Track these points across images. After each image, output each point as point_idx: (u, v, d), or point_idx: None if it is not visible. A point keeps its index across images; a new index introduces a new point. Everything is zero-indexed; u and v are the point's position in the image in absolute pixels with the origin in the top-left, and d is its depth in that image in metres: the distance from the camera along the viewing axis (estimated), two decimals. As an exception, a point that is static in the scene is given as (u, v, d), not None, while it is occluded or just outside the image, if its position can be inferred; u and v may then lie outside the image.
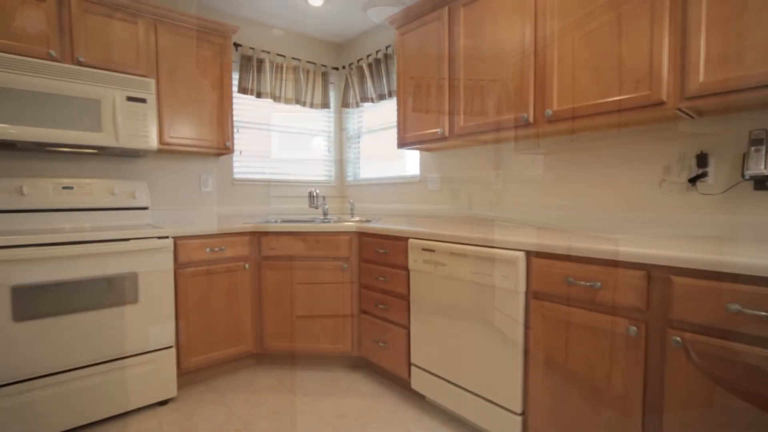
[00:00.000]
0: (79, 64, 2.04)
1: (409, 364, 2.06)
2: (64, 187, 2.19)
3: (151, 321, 1.98)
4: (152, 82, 2.20)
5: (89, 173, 2.36)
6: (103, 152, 2.26)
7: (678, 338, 1.14)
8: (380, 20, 2.86)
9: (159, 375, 2.01)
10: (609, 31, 1.52)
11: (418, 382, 1.99)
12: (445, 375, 1.85)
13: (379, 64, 2.97)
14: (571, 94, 1.64)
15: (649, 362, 1.23)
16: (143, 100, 2.17)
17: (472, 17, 2.01)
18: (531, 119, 1.79)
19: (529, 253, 1.52)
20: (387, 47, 2.90)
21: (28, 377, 1.69)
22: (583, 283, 1.34)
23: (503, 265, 1.57)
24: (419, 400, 2.08)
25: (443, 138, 2.20)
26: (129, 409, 1.93)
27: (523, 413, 1.56)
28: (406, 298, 2.07)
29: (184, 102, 2.40)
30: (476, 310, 1.70)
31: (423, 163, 2.82)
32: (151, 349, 1.99)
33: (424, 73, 2.29)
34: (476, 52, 2.00)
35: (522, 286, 1.53)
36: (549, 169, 2.08)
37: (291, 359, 2.51)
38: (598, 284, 1.30)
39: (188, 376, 2.25)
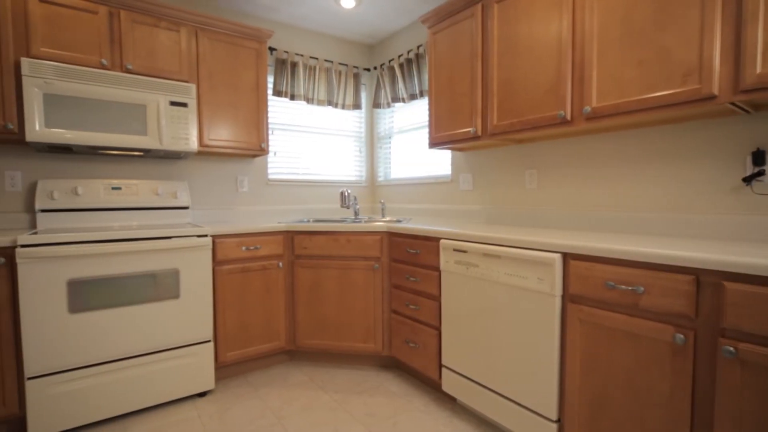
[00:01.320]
0: (127, 71, 2.16)
1: (440, 365, 2.04)
2: (113, 188, 2.33)
3: (191, 316, 2.07)
4: (193, 87, 2.30)
5: (135, 174, 2.49)
6: (148, 154, 2.38)
7: (731, 348, 1.07)
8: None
9: (198, 368, 2.10)
10: (654, 21, 1.44)
11: (449, 384, 1.97)
12: (477, 378, 1.82)
13: (410, 63, 2.97)
14: (612, 89, 1.57)
15: (697, 373, 1.15)
16: (185, 105, 2.27)
17: (506, 13, 1.97)
18: (568, 116, 1.73)
19: (566, 255, 1.47)
20: (419, 47, 2.89)
21: (81, 365, 1.80)
22: (624, 287, 1.28)
23: (538, 267, 1.53)
24: (450, 402, 2.06)
25: (476, 137, 2.17)
26: (170, 399, 2.03)
27: (558, 420, 1.51)
28: (437, 299, 2.05)
29: (222, 105, 2.49)
30: (509, 313, 1.66)
31: (454, 163, 2.79)
32: (191, 342, 2.08)
33: (456, 71, 2.26)
34: (510, 48, 1.95)
35: (558, 290, 1.48)
36: (586, 168, 2.00)
37: (322, 356, 2.55)
38: (641, 289, 1.24)
39: (225, 369, 2.34)
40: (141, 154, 2.35)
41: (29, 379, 1.71)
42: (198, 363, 2.10)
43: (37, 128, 1.89)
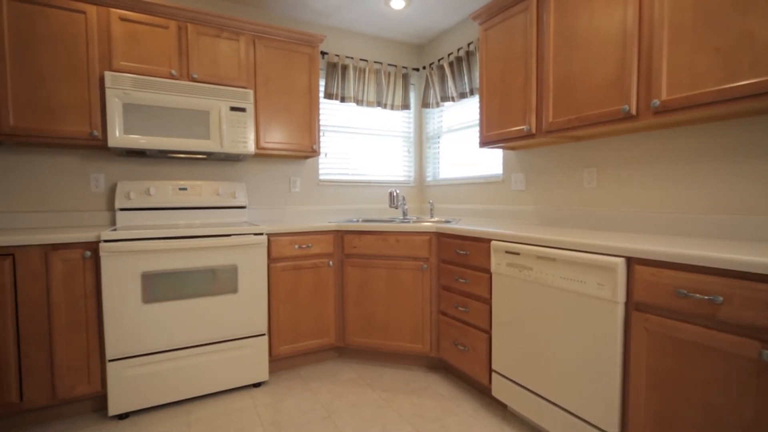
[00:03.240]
0: (193, 80, 2.32)
1: (490, 370, 1.99)
2: (180, 189, 2.51)
3: (247, 310, 2.19)
4: (251, 92, 2.42)
5: (199, 176, 2.68)
6: (210, 157, 2.55)
7: (831, 369, 0.94)
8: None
9: (254, 360, 2.21)
10: (734, 3, 1.31)
11: (500, 389, 1.91)
12: (529, 385, 1.75)
13: (460, 62, 2.92)
14: (684, 80, 1.45)
15: (788, 394, 1.03)
16: (243, 110, 2.40)
17: (563, 5, 1.87)
18: (633, 111, 1.61)
19: (630, 260, 1.38)
20: (469, 44, 2.83)
21: (152, 351, 1.97)
22: (698, 296, 1.18)
23: (599, 271, 1.44)
24: (500, 408, 2.00)
25: (530, 135, 2.09)
26: (228, 388, 2.15)
27: (620, 436, 1.42)
28: (487, 301, 2.00)
29: (277, 109, 2.60)
30: (566, 319, 1.58)
31: (506, 162, 2.71)
32: (248, 335, 2.20)
33: (508, 68, 2.19)
34: (568, 41, 1.86)
35: (621, 296, 1.38)
36: (651, 165, 1.86)
37: (370, 354, 2.59)
38: (720, 299, 1.13)
39: (278, 362, 2.44)
40: (204, 156, 2.52)
41: (110, 361, 1.89)
42: (254, 355, 2.21)
43: (117, 135, 2.09)
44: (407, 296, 2.39)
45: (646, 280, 1.32)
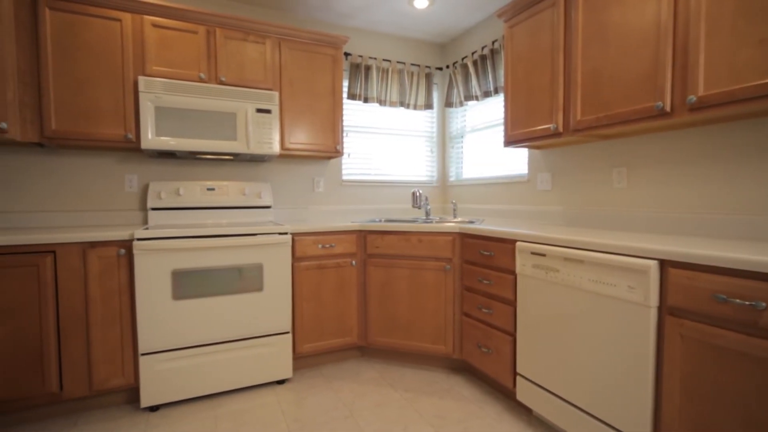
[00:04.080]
0: (221, 83, 2.39)
1: (515, 373, 1.95)
2: (208, 189, 2.58)
3: (272, 307, 2.23)
4: (276, 94, 2.47)
5: (225, 176, 2.74)
6: (237, 158, 2.61)
7: None
8: None
9: (278, 357, 2.25)
10: (781, -6, 1.24)
11: (524, 393, 1.88)
12: (555, 390, 1.71)
13: (484, 60, 2.88)
14: (723, 75, 1.38)
15: (839, 408, 0.96)
16: (269, 111, 2.44)
17: (593, 0, 1.82)
18: (667, 107, 1.55)
19: (663, 263, 1.32)
20: (494, 42, 2.79)
21: (181, 346, 2.03)
22: (739, 301, 1.12)
23: (630, 274, 1.39)
24: (525, 413, 1.96)
25: (556, 134, 2.04)
26: (253, 384, 2.20)
27: (652, 445, 1.36)
28: (512, 303, 1.97)
29: (302, 110, 2.64)
30: (594, 323, 1.53)
31: (531, 162, 2.65)
32: (272, 332, 2.24)
33: (534, 65, 2.15)
34: (597, 37, 1.80)
35: (654, 300, 1.33)
36: (686, 164, 1.78)
37: (392, 354, 2.59)
38: (762, 304, 1.07)
39: (301, 360, 2.47)
40: (231, 157, 2.58)
41: (142, 355, 1.96)
42: (278, 352, 2.25)
43: (149, 137, 2.16)
44: (430, 297, 2.37)
45: (681, 284, 1.26)
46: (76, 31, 2.08)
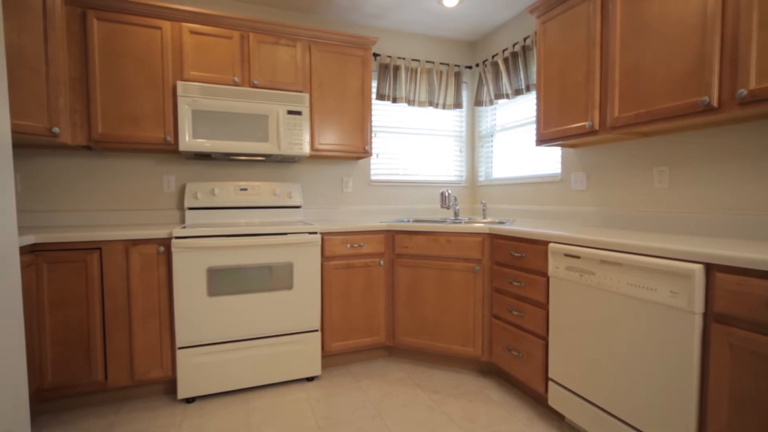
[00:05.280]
0: (254, 86, 2.45)
1: (547, 378, 1.90)
2: (241, 189, 2.66)
3: (302, 306, 2.27)
4: (306, 96, 2.51)
5: (257, 177, 2.82)
6: (268, 159, 2.67)
7: None
8: None
9: (307, 354, 2.29)
10: None
11: (557, 399, 1.82)
12: (589, 397, 1.65)
13: (515, 57, 2.82)
14: (778, 67, 1.29)
15: None
16: (299, 113, 2.49)
17: (632, -9, 1.75)
18: (714, 102, 1.46)
19: (710, 266, 1.25)
20: (525, 38, 2.73)
21: (215, 341, 2.10)
22: (795, 309, 1.04)
23: (672, 278, 1.33)
24: (557, 419, 1.90)
25: (592, 132, 1.97)
26: (283, 380, 2.25)
27: (696, 459, 1.29)
28: (544, 306, 1.91)
29: (331, 112, 2.67)
30: (633, 329, 1.47)
31: (565, 161, 2.57)
32: (302, 330, 2.28)
33: (568, 61, 2.08)
34: (637, 30, 1.73)
35: (699, 306, 1.26)
36: (733, 162, 1.67)
37: (419, 355, 2.58)
38: (823, 313, 0.99)
39: (329, 358, 2.50)
40: (263, 158, 2.65)
41: (179, 348, 2.05)
42: (307, 350, 2.29)
43: (187, 139, 2.25)
44: (458, 298, 2.35)
45: (729, 290, 1.19)
46: (120, 40, 2.20)
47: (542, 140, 2.29)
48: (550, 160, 2.75)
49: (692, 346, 1.28)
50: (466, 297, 2.33)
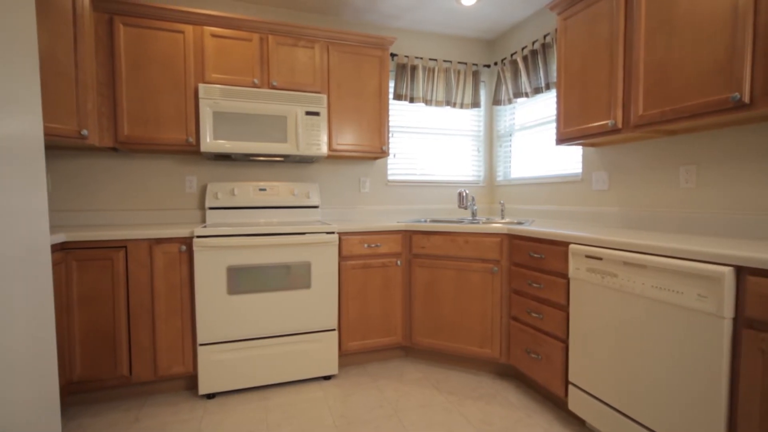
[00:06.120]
0: (273, 87, 2.49)
1: (566, 381, 1.87)
2: (260, 189, 2.70)
3: (319, 305, 2.29)
4: (324, 97, 2.53)
5: (276, 177, 2.85)
6: (287, 159, 2.71)
7: None
8: None
9: (324, 353, 2.30)
10: None
11: (577, 403, 1.79)
12: (611, 402, 1.61)
13: (535, 55, 2.78)
14: (815, 61, 1.23)
15: None
16: (317, 114, 2.51)
17: (658, -15, 1.70)
18: (746, 99, 1.41)
19: (740, 269, 1.20)
20: (545, 36, 2.68)
21: (235, 339, 2.14)
22: (834, 315, 0.99)
23: (700, 281, 1.28)
24: (577, 424, 1.87)
25: (615, 130, 1.92)
26: (301, 378, 2.27)
27: (725, 469, 1.25)
28: (564, 308, 1.88)
29: (348, 112, 2.69)
30: (657, 333, 1.43)
31: (586, 160, 2.52)
32: (319, 329, 2.29)
33: (590, 58, 2.04)
34: (662, 26, 1.68)
35: (729, 311, 1.22)
36: (763, 161, 1.61)
37: (436, 356, 2.56)
38: None
39: (346, 357, 2.52)
40: (281, 159, 2.68)
41: (200, 345, 2.09)
42: (324, 349, 2.30)
43: (208, 140, 2.30)
44: (476, 299, 2.33)
45: (762, 294, 1.14)
46: (144, 44, 2.26)
47: (562, 139, 2.24)
48: (570, 159, 2.70)
49: (721, 353, 1.23)
50: (483, 298, 2.31)
